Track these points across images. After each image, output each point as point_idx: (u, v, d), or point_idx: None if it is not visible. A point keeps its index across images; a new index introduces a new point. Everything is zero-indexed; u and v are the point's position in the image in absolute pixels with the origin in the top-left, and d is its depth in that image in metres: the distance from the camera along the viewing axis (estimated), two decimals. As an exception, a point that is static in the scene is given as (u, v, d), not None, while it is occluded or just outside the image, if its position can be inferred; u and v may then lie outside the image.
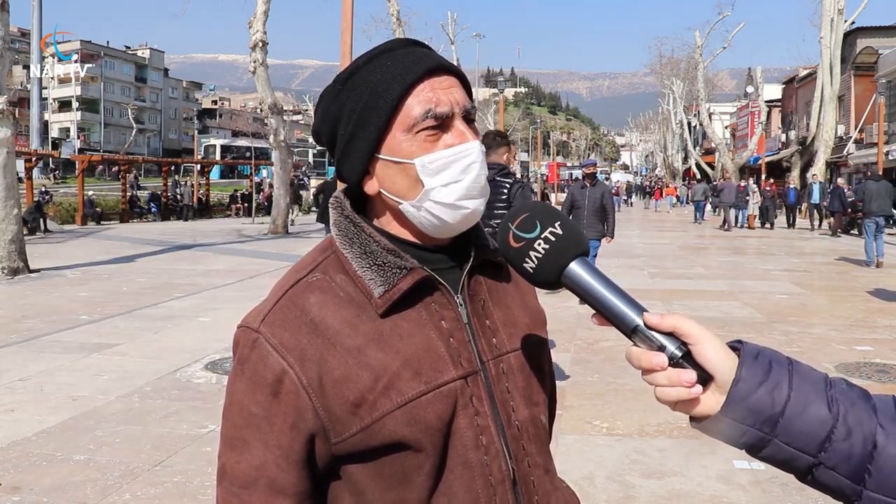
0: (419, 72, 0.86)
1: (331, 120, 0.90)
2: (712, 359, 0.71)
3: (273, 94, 20.12)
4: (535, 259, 0.79)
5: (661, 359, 0.71)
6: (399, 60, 0.86)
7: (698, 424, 0.73)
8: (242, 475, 0.84)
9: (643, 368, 0.73)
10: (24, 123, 45.84)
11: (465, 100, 0.89)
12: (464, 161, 0.86)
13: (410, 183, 0.86)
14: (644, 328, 0.73)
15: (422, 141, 0.85)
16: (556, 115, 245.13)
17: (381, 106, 0.85)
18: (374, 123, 0.86)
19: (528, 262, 0.79)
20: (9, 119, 10.92)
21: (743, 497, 3.40)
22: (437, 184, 0.86)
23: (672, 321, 0.72)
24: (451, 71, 0.89)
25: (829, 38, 25.54)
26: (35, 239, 17.51)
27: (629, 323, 0.74)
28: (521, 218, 0.81)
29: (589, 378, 5.38)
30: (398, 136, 0.86)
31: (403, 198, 0.88)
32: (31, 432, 4.23)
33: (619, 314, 0.75)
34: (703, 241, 18.61)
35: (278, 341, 0.84)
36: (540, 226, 0.80)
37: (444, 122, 0.86)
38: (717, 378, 0.71)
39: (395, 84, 0.85)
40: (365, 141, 0.87)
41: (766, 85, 40.99)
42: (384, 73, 0.86)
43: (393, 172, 0.87)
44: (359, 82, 0.87)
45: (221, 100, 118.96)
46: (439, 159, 0.86)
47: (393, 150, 0.86)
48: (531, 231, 0.80)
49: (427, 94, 0.85)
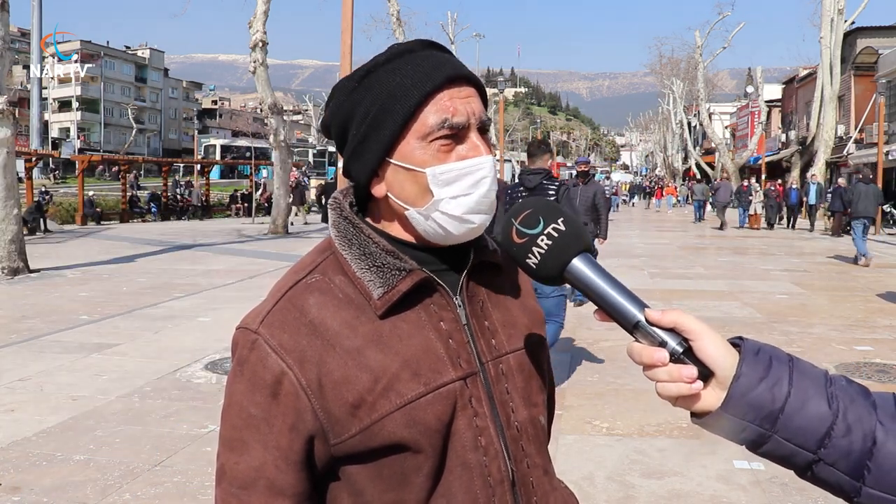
0: (439, 80, 0.85)
1: (343, 117, 0.89)
2: (713, 355, 0.71)
3: (273, 94, 20.12)
4: (537, 255, 0.79)
5: (662, 354, 0.72)
6: (419, 65, 0.85)
7: (699, 420, 0.74)
8: (241, 476, 0.85)
9: (644, 364, 0.73)
10: (24, 123, 45.84)
11: (482, 111, 0.88)
12: (476, 175, 0.86)
13: (419, 191, 0.86)
14: (645, 324, 0.74)
15: (435, 150, 0.85)
16: (556, 115, 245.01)
17: (397, 111, 0.84)
18: (389, 128, 0.85)
19: (530, 258, 0.80)
20: (9, 119, 10.92)
21: (743, 497, 3.40)
22: (447, 195, 0.85)
23: (673, 317, 0.72)
24: (470, 80, 0.88)
25: (829, 38, 25.55)
26: (35, 239, 17.51)
27: (631, 319, 0.75)
28: (524, 214, 0.81)
29: (589, 378, 5.38)
30: (412, 142, 0.85)
31: (411, 205, 0.87)
32: (31, 432, 4.23)
33: (620, 310, 0.75)
34: (703, 241, 18.61)
35: (277, 342, 0.84)
36: (543, 222, 0.80)
37: (460, 132, 0.86)
38: (718, 374, 0.71)
39: (413, 90, 0.84)
40: (378, 144, 0.86)
41: (766, 85, 40.99)
42: (403, 78, 0.85)
43: (403, 178, 0.87)
44: (376, 82, 0.86)
45: (221, 100, 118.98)
46: (451, 171, 0.85)
47: (405, 157, 0.86)
48: (534, 227, 0.80)
49: (445, 103, 0.85)
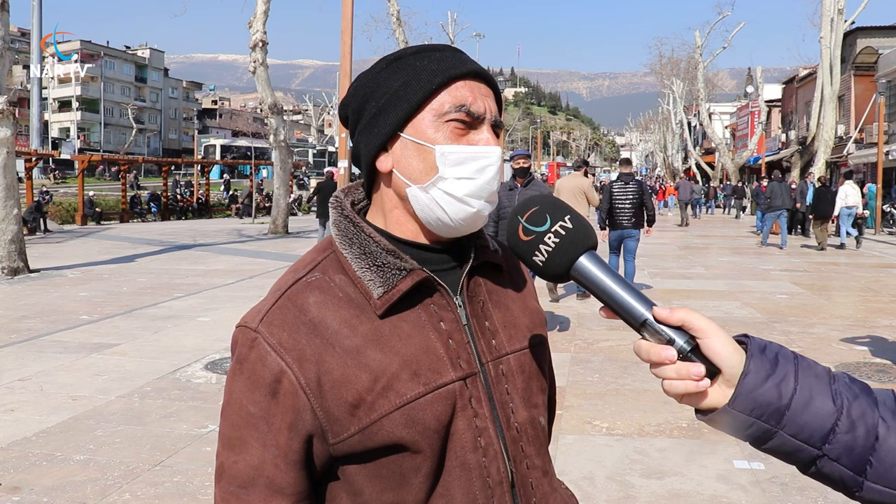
0: (464, 70, 0.88)
1: (363, 93, 0.91)
2: (720, 352, 0.72)
3: (273, 94, 20.11)
4: (544, 252, 0.79)
5: (670, 352, 0.72)
6: (447, 57, 0.89)
7: (704, 417, 0.74)
8: (240, 475, 0.85)
9: (652, 361, 0.73)
10: (24, 123, 45.84)
11: (497, 112, 0.91)
12: (482, 161, 0.87)
13: (425, 167, 0.87)
14: (653, 322, 0.74)
15: (448, 131, 0.87)
16: (556, 115, 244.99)
17: (419, 87, 0.87)
18: (408, 101, 0.87)
19: (537, 256, 0.80)
20: (9, 119, 10.92)
21: (743, 497, 3.39)
22: (451, 175, 0.86)
23: (681, 315, 0.73)
24: (490, 82, 0.91)
25: (829, 37, 25.52)
26: (35, 239, 17.51)
27: (638, 316, 0.75)
28: (530, 211, 0.81)
29: (589, 378, 5.38)
30: (427, 118, 0.87)
31: (414, 181, 0.88)
32: (31, 432, 4.23)
33: (627, 308, 0.75)
34: (703, 240, 18.60)
35: (277, 341, 0.84)
36: (550, 220, 0.80)
37: (475, 121, 0.88)
38: (725, 371, 0.72)
39: (438, 73, 0.87)
40: (394, 116, 0.88)
41: (766, 85, 40.99)
42: (430, 62, 0.88)
43: (411, 153, 0.88)
44: (403, 66, 0.89)
45: (221, 100, 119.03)
46: (460, 152, 0.87)
47: (417, 132, 0.87)
48: (541, 225, 0.80)
49: (465, 91, 0.88)
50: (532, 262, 0.81)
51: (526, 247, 0.81)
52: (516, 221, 0.82)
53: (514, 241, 0.82)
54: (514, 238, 0.82)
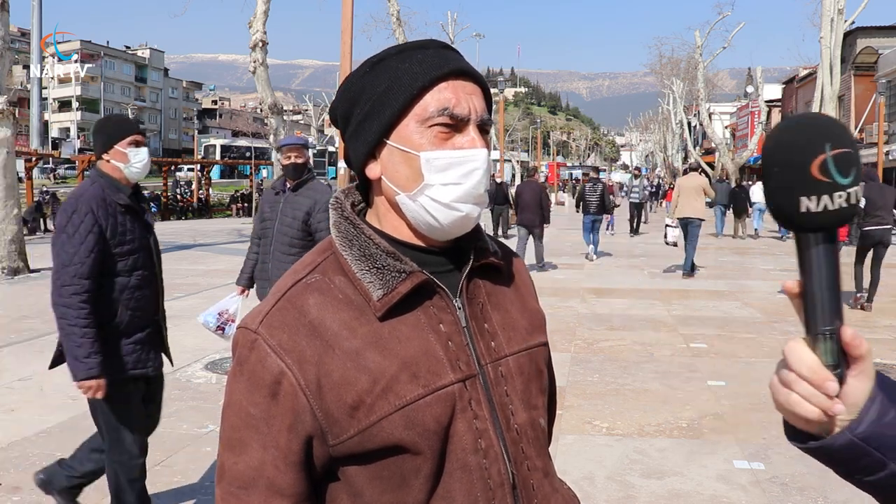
0: (446, 70, 0.87)
1: (350, 98, 0.90)
2: (859, 388, 0.65)
3: (273, 94, 20.08)
4: (820, 206, 0.61)
5: (833, 385, 0.62)
6: (429, 57, 0.88)
7: (803, 445, 0.67)
8: (241, 476, 0.85)
9: (803, 376, 0.63)
10: (24, 123, 45.77)
11: (484, 109, 0.89)
12: (468, 165, 0.87)
13: (412, 174, 0.87)
14: (833, 336, 0.64)
15: (433, 136, 0.86)
16: (556, 115, 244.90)
17: (401, 92, 0.86)
18: (391, 108, 0.86)
19: (807, 202, 0.61)
20: (9, 119, 10.92)
21: (743, 497, 3.40)
22: (437, 182, 0.86)
23: (864, 350, 0.64)
24: (476, 79, 0.90)
25: (829, 37, 25.53)
26: (35, 239, 17.51)
27: (825, 321, 0.63)
28: (843, 150, 0.61)
29: (589, 378, 5.38)
30: (411, 125, 0.86)
31: (402, 189, 0.88)
32: (31, 432, 4.23)
33: (828, 306, 0.64)
34: (703, 240, 18.59)
35: (276, 342, 0.84)
36: (855, 175, 0.61)
37: (459, 124, 0.87)
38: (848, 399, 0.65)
39: (420, 75, 0.86)
40: (378, 123, 0.87)
41: (766, 85, 40.96)
42: (412, 64, 0.87)
43: (397, 160, 0.87)
44: (385, 68, 0.88)
45: (221, 100, 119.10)
46: (444, 158, 0.86)
47: (402, 139, 0.87)
48: (845, 176, 0.61)
49: (448, 93, 0.86)
50: (789, 202, 0.61)
51: (804, 184, 0.61)
52: (819, 149, 0.60)
53: (788, 164, 0.61)
54: (795, 163, 0.61)
